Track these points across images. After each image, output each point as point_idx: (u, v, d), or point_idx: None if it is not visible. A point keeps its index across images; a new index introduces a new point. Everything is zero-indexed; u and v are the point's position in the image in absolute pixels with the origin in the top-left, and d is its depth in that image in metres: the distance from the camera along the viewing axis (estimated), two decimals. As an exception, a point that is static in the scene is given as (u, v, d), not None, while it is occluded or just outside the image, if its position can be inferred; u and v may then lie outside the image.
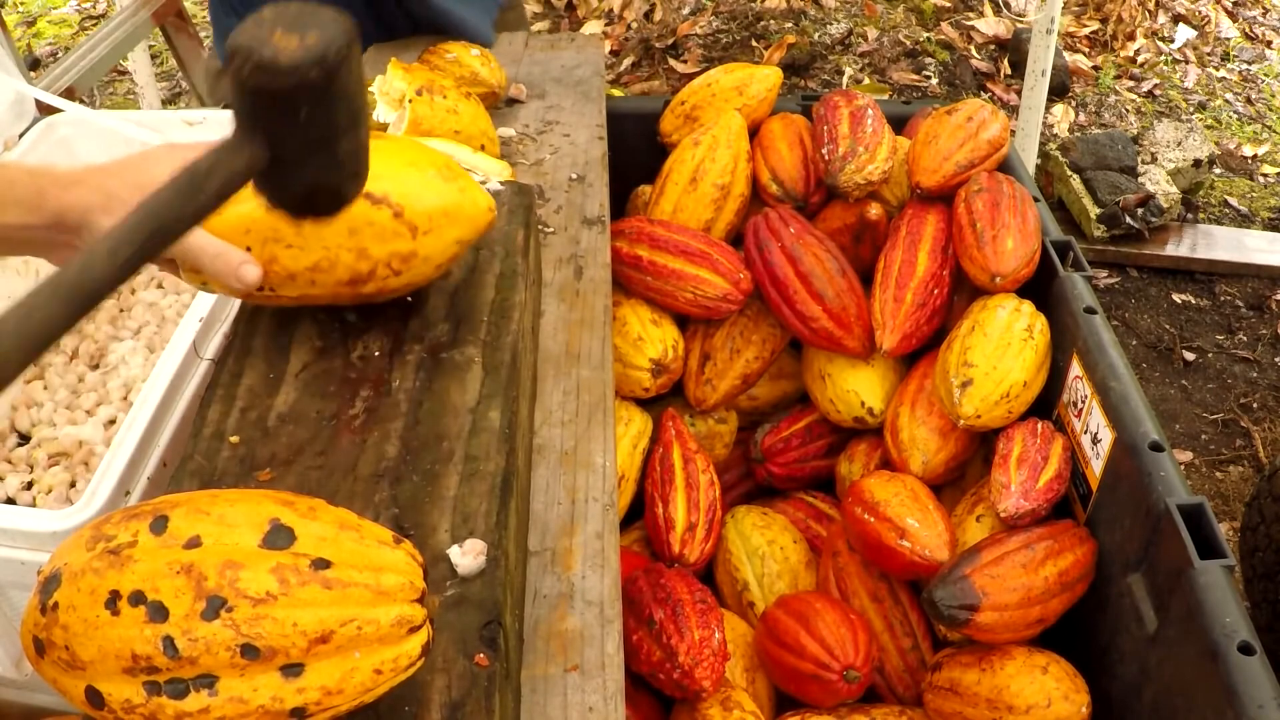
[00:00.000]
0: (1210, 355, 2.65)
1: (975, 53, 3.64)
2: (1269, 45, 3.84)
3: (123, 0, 2.12)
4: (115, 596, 0.61)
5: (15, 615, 1.01)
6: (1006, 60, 3.60)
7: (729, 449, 1.63)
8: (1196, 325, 2.73)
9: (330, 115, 0.65)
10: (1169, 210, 2.89)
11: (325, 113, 0.64)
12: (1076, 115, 3.46)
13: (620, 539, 1.00)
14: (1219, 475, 2.35)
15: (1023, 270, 1.38)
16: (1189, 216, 2.97)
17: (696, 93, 1.69)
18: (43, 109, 1.51)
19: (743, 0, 3.76)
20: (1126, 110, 3.47)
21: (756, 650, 1.31)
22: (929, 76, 3.54)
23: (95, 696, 0.63)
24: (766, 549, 1.42)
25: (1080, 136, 3.15)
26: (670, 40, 3.68)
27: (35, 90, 1.52)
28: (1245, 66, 3.74)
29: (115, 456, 0.98)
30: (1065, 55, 3.59)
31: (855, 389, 1.48)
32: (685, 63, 3.60)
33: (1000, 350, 1.31)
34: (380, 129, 1.32)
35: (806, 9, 3.73)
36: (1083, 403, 1.27)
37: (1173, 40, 3.81)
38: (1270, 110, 3.55)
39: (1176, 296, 2.81)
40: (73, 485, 1.20)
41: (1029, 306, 1.37)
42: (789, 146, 1.61)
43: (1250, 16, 3.95)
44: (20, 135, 1.47)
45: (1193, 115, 3.49)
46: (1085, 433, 1.26)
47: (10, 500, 1.20)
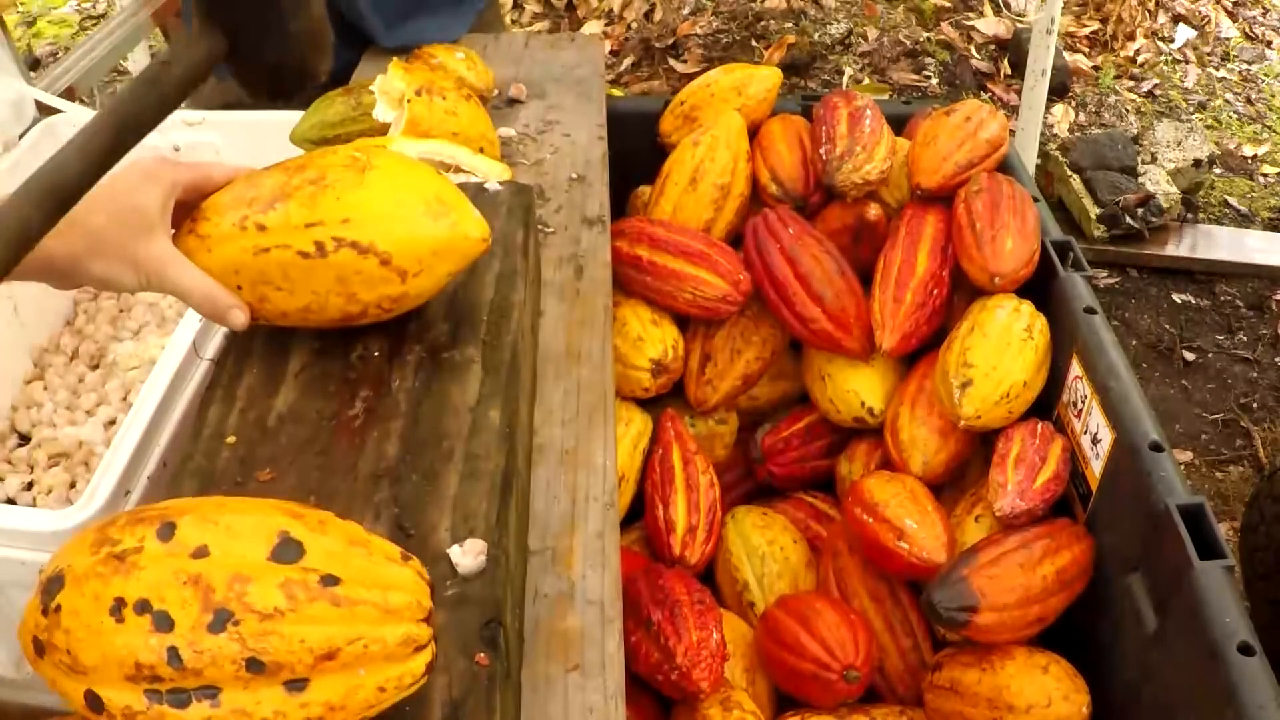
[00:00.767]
0: (1210, 355, 2.65)
1: (975, 53, 3.64)
2: (1269, 45, 3.84)
3: (123, 0, 2.12)
4: (120, 603, 0.61)
5: (16, 615, 1.01)
6: (1006, 60, 3.60)
7: (729, 450, 1.63)
8: (1196, 325, 2.73)
9: None
10: (1169, 210, 2.89)
11: None
12: (1076, 115, 3.46)
13: (620, 539, 1.00)
14: (1219, 475, 2.35)
15: (1022, 270, 1.38)
16: (1189, 216, 2.97)
17: (696, 93, 1.69)
18: (43, 109, 1.51)
19: (743, 0, 3.76)
20: (1126, 110, 3.47)
21: (756, 650, 1.31)
22: (929, 76, 3.54)
23: (95, 701, 0.62)
24: (766, 549, 1.42)
25: (1080, 136, 3.15)
26: (670, 40, 3.68)
27: (35, 90, 1.52)
28: (1245, 66, 3.74)
29: (115, 456, 0.98)
30: (1065, 55, 3.59)
31: (855, 389, 1.48)
32: (685, 63, 3.60)
33: (1000, 350, 1.31)
34: (381, 129, 1.32)
35: (806, 9, 3.73)
36: (1082, 403, 1.27)
37: (1173, 40, 3.81)
38: (1270, 110, 3.55)
39: (1176, 296, 2.81)
40: (73, 486, 1.20)
41: (1029, 306, 1.37)
42: (788, 147, 1.61)
43: (1250, 16, 3.95)
44: (20, 135, 1.47)
45: (1193, 115, 3.49)
46: (1085, 433, 1.26)
47: (10, 500, 1.20)
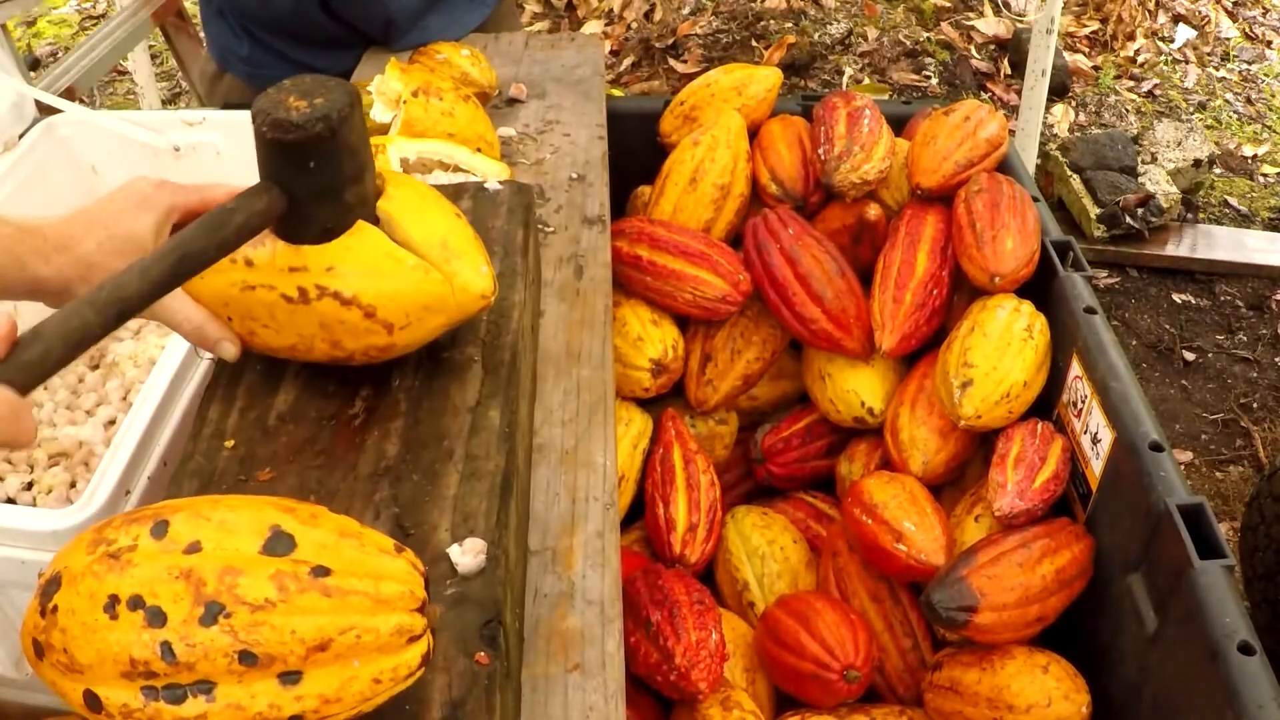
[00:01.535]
0: (1210, 355, 2.65)
1: (975, 53, 3.64)
2: (1269, 45, 3.84)
3: (123, 0, 2.12)
4: (114, 600, 0.61)
5: (16, 615, 1.01)
6: (1006, 60, 3.60)
7: (729, 450, 1.63)
8: (1196, 325, 2.73)
9: (337, 166, 0.76)
10: (1169, 210, 2.89)
11: (332, 164, 0.76)
12: (1076, 115, 3.46)
13: (620, 539, 1.00)
14: (1219, 475, 2.35)
15: (1022, 270, 1.38)
16: (1189, 216, 2.97)
17: (696, 93, 1.69)
18: (43, 109, 1.51)
19: (743, 0, 3.76)
20: (1126, 110, 3.47)
21: (756, 650, 1.31)
22: (929, 76, 3.54)
23: (93, 700, 0.62)
24: (766, 549, 1.42)
25: (1080, 136, 3.15)
26: (670, 40, 3.68)
27: (35, 90, 1.52)
28: (1245, 66, 3.74)
29: (115, 456, 0.98)
30: (1065, 55, 3.59)
31: (855, 389, 1.48)
32: (685, 63, 3.60)
33: (1000, 350, 1.31)
34: (380, 130, 1.32)
35: (806, 9, 3.73)
36: (1083, 403, 1.27)
37: (1173, 40, 3.81)
38: (1270, 110, 3.55)
39: (1176, 296, 2.81)
40: (73, 485, 1.20)
41: (1029, 306, 1.37)
42: (788, 147, 1.61)
43: (1250, 16, 3.95)
44: (20, 135, 1.47)
45: (1193, 115, 3.49)
46: (1085, 433, 1.26)
47: (10, 500, 1.20)
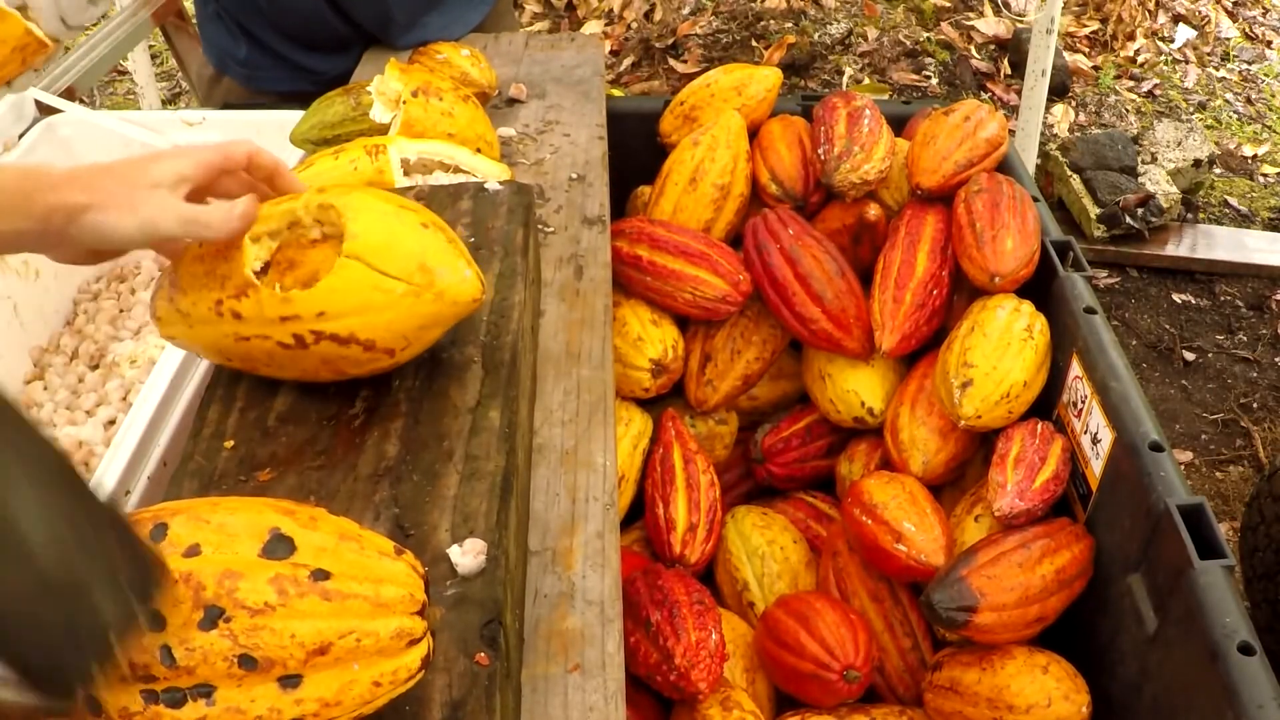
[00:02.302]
0: (1210, 355, 2.65)
1: (975, 53, 3.64)
2: (1269, 45, 3.84)
3: (123, 0, 2.12)
4: None
5: (15, 615, 1.01)
6: (1006, 60, 3.60)
7: (729, 450, 1.63)
8: (1196, 325, 2.73)
9: None
10: (1169, 210, 2.89)
11: None
12: (1076, 115, 3.46)
13: (620, 539, 1.00)
14: (1219, 475, 2.35)
15: (1022, 270, 1.38)
16: (1189, 216, 2.97)
17: (696, 93, 1.69)
18: (43, 109, 1.52)
19: (743, 0, 3.76)
20: (1126, 110, 3.47)
21: (756, 650, 1.31)
22: (929, 76, 3.54)
23: (93, 703, 0.62)
24: (766, 549, 1.42)
25: (1080, 136, 3.15)
26: (670, 40, 3.68)
27: (35, 90, 1.53)
28: (1245, 66, 3.74)
29: (115, 457, 0.98)
30: (1065, 55, 3.59)
31: (855, 389, 1.48)
32: (685, 63, 3.60)
33: (1000, 350, 1.31)
34: (380, 130, 1.32)
35: (806, 9, 3.73)
36: (1083, 403, 1.27)
37: (1173, 40, 3.81)
38: (1270, 110, 3.55)
39: (1176, 296, 2.81)
40: (73, 485, 1.20)
41: (1029, 306, 1.37)
42: (788, 147, 1.61)
43: (1250, 16, 3.95)
44: (20, 135, 1.47)
45: (1193, 115, 3.49)
46: (1085, 433, 1.26)
47: (10, 500, 1.19)
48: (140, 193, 0.83)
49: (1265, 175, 3.26)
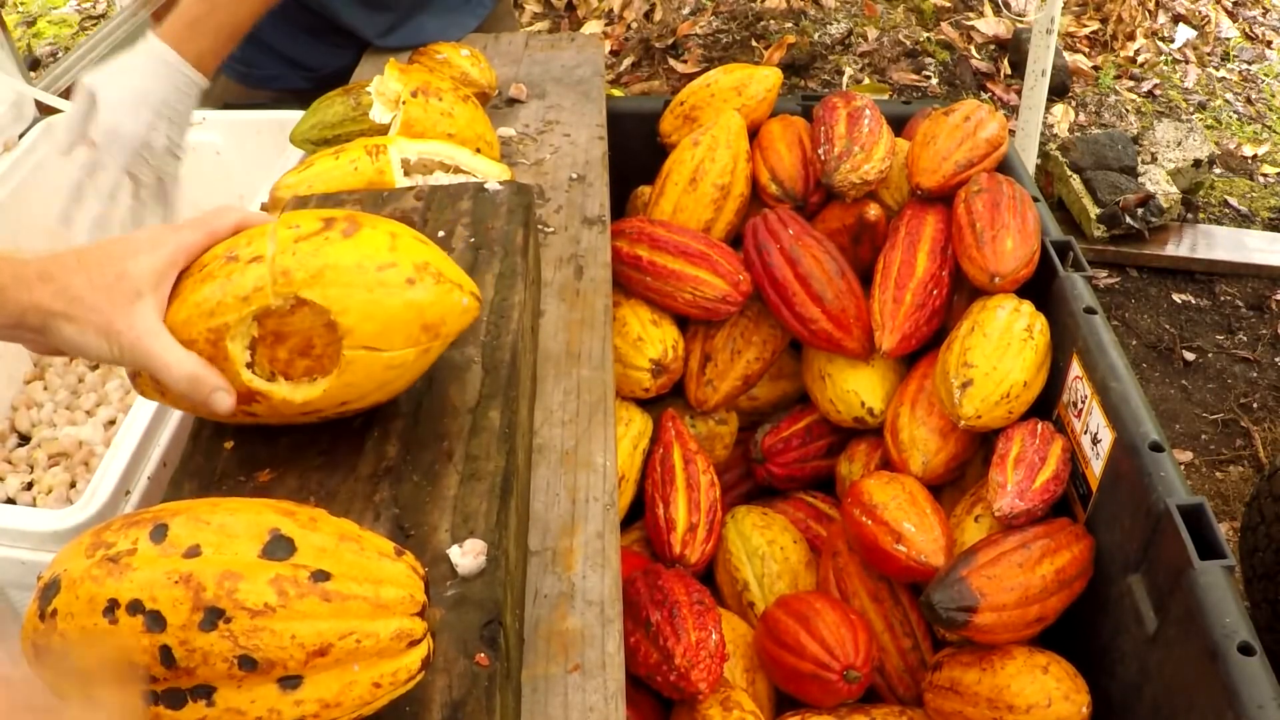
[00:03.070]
0: (1210, 355, 2.65)
1: (975, 53, 3.64)
2: (1269, 45, 3.84)
3: (123, 0, 2.12)
4: (113, 605, 0.61)
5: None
6: (1006, 60, 3.60)
7: (729, 450, 1.63)
8: (1196, 325, 2.73)
9: None
10: (1169, 210, 2.89)
11: None
12: (1076, 115, 3.46)
13: (620, 539, 1.00)
14: (1219, 475, 2.35)
15: (1022, 270, 1.38)
16: (1189, 216, 2.97)
17: (696, 93, 1.69)
18: (43, 109, 1.52)
19: (743, 0, 3.76)
20: (1126, 110, 3.47)
21: (756, 650, 1.31)
22: (929, 76, 3.54)
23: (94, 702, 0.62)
24: (766, 549, 1.42)
25: (1080, 136, 3.15)
26: (670, 40, 3.68)
27: (35, 90, 1.53)
28: (1245, 66, 3.74)
29: (115, 456, 0.98)
30: (1065, 55, 3.59)
31: (855, 389, 1.48)
32: (685, 63, 3.60)
33: (1000, 350, 1.31)
34: (381, 130, 1.32)
35: (806, 9, 3.73)
36: (1083, 403, 1.27)
37: (1173, 40, 3.81)
38: (1270, 110, 3.55)
39: (1176, 296, 2.81)
40: (73, 485, 1.20)
41: (1029, 306, 1.37)
42: (788, 147, 1.61)
43: (1250, 16, 3.95)
44: (20, 135, 1.47)
45: (1193, 115, 3.49)
46: (1085, 433, 1.26)
47: (10, 500, 1.20)
48: (119, 310, 0.76)
49: (1265, 175, 3.26)
